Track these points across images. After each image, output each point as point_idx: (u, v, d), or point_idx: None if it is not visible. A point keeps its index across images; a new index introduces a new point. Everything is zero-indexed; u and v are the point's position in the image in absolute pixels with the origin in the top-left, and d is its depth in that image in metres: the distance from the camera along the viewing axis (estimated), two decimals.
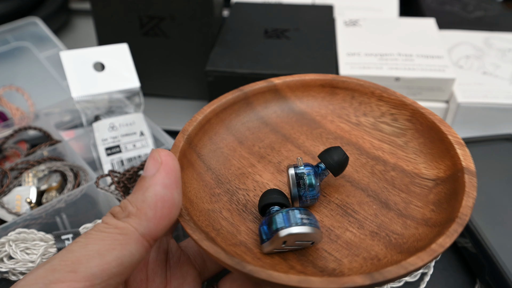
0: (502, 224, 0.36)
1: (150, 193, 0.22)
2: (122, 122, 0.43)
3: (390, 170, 0.30)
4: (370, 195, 0.29)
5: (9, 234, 0.33)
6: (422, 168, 0.29)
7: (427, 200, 0.27)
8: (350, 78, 0.33)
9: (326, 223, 0.27)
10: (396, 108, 0.32)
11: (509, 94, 0.47)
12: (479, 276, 0.36)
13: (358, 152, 0.31)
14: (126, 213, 0.22)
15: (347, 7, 0.61)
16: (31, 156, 0.42)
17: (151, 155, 0.24)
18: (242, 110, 0.33)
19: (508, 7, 0.65)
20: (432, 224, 0.26)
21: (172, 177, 0.23)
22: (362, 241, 0.26)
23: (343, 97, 0.34)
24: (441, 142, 0.29)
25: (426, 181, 0.28)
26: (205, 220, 0.26)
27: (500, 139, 0.44)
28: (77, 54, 0.43)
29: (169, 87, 0.55)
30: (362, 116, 0.33)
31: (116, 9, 0.49)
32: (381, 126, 0.32)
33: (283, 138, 0.32)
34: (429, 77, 0.46)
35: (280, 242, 0.24)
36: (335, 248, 0.26)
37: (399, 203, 0.28)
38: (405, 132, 0.31)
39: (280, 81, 0.33)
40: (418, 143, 0.30)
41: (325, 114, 0.33)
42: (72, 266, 0.20)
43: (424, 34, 0.52)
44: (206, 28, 0.49)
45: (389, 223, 0.27)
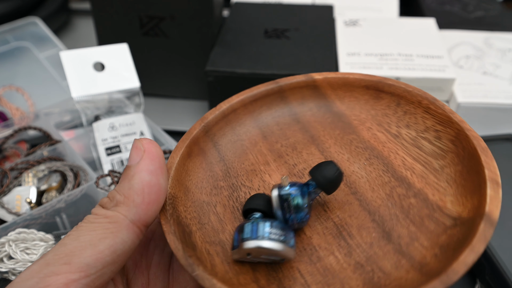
0: (502, 224, 0.36)
1: (136, 180, 0.23)
2: (122, 122, 0.43)
3: (411, 196, 0.26)
4: (375, 220, 0.26)
5: (9, 234, 0.33)
6: (448, 202, 0.25)
7: (436, 241, 0.24)
8: (398, 82, 0.30)
9: (314, 241, 0.25)
10: (442, 124, 0.28)
11: (509, 94, 0.47)
12: (479, 276, 0.36)
13: (384, 168, 0.28)
14: (115, 202, 0.23)
15: (347, 7, 0.61)
16: (31, 156, 0.42)
17: (134, 144, 0.24)
18: (275, 104, 0.31)
19: (508, 7, 0.65)
20: (425, 272, 0.22)
21: (156, 163, 0.23)
22: (342, 271, 0.23)
23: (388, 103, 0.30)
24: (477, 175, 0.25)
25: (446, 218, 0.25)
26: (193, 212, 0.26)
27: (500, 139, 0.44)
28: (77, 54, 0.43)
29: (169, 87, 0.55)
30: (404, 127, 0.29)
31: (116, 9, 0.49)
32: (422, 142, 0.28)
33: (309, 139, 0.30)
34: (429, 77, 0.46)
35: (244, 253, 0.23)
36: (310, 271, 0.24)
37: (403, 237, 0.24)
38: (445, 155, 0.27)
39: (320, 77, 0.31)
40: (454, 171, 0.26)
41: (364, 120, 0.30)
42: (66, 259, 0.20)
43: (424, 34, 0.52)
44: (206, 28, 0.49)
45: (381, 258, 0.24)
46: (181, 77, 0.54)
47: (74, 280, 0.20)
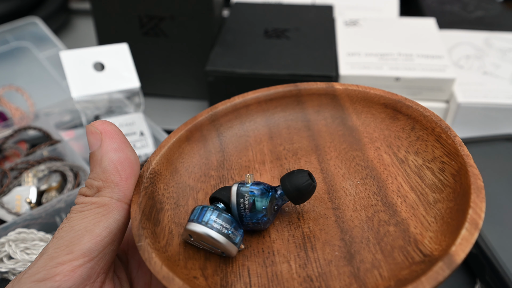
0: (502, 224, 0.36)
1: (106, 162, 0.23)
2: (122, 122, 0.43)
3: (392, 224, 0.26)
4: (344, 239, 0.25)
5: (9, 234, 0.33)
6: (427, 237, 0.25)
7: (396, 275, 0.23)
8: (416, 104, 0.29)
9: (276, 245, 0.25)
10: (449, 156, 0.27)
11: (509, 94, 0.47)
12: (479, 276, 0.36)
13: (376, 191, 0.27)
14: (95, 189, 0.23)
15: (347, 7, 0.61)
16: (31, 156, 0.42)
17: (88, 131, 0.24)
18: (291, 107, 0.31)
19: (508, 7, 0.65)
20: None
21: (118, 139, 0.24)
22: (290, 281, 0.23)
23: (403, 126, 0.29)
24: (462, 215, 0.24)
25: (417, 253, 0.24)
26: (173, 192, 0.26)
27: (500, 139, 0.44)
28: (77, 54, 0.43)
29: (169, 87, 0.55)
30: (413, 154, 0.28)
31: (116, 9, 0.49)
32: (425, 172, 0.28)
33: (313, 147, 0.30)
34: (429, 77, 0.46)
35: (186, 234, 0.23)
36: (259, 273, 0.24)
37: (365, 262, 0.24)
38: (443, 189, 0.26)
39: (341, 87, 0.30)
40: (446, 207, 0.26)
41: (375, 139, 0.30)
42: (67, 249, 0.21)
43: (424, 34, 0.52)
44: (206, 28, 0.49)
45: (333, 277, 0.23)
46: (181, 77, 0.54)
47: (80, 265, 0.21)
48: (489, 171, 0.40)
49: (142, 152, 0.42)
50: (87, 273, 0.21)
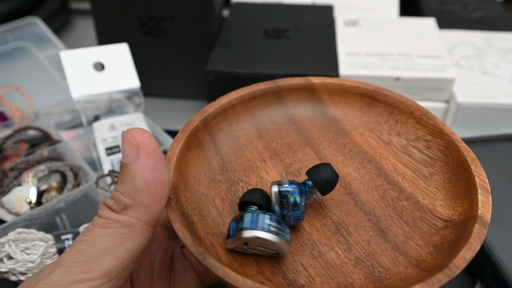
0: (502, 224, 0.36)
1: (139, 181, 0.22)
2: (122, 122, 0.43)
3: (403, 199, 0.28)
4: (371, 219, 0.27)
5: (9, 234, 0.33)
6: (438, 206, 0.27)
7: (429, 241, 0.25)
8: (392, 92, 0.31)
9: (314, 236, 0.26)
10: (433, 135, 0.30)
11: (509, 94, 0.47)
12: (479, 276, 0.36)
13: (377, 172, 0.29)
14: (122, 206, 0.22)
15: (347, 7, 0.61)
16: (31, 156, 0.42)
17: (124, 138, 0.22)
18: (272, 103, 0.32)
19: (508, 7, 0.65)
20: (423, 268, 0.24)
21: (155, 156, 0.22)
22: (344, 265, 0.24)
23: (381, 112, 0.31)
24: (467, 183, 0.26)
25: (437, 220, 0.26)
26: (194, 203, 0.26)
27: (500, 139, 0.44)
28: (77, 54, 0.43)
29: (169, 87, 0.55)
30: (395, 135, 0.31)
31: (116, 9, 0.49)
32: (412, 150, 0.30)
33: (304, 140, 0.31)
34: (429, 77, 0.46)
35: (242, 242, 0.23)
36: (313, 264, 0.24)
37: (398, 235, 0.26)
38: (434, 163, 0.29)
39: (318, 81, 0.32)
40: (444, 178, 0.28)
41: (357, 125, 0.32)
42: (86, 267, 0.20)
43: (424, 34, 0.52)
44: (206, 28, 0.49)
45: (379, 254, 0.25)
46: (181, 77, 0.54)
47: (97, 285, 0.20)
48: (489, 171, 0.40)
49: None
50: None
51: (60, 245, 0.33)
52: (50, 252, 0.32)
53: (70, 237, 0.33)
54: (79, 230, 0.34)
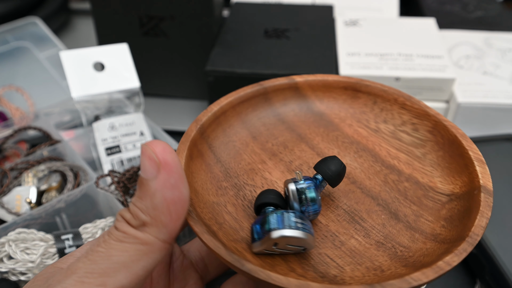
0: (502, 224, 0.36)
1: (159, 199, 0.21)
2: (122, 122, 0.43)
3: (404, 180, 0.29)
4: (380, 204, 0.28)
5: (9, 234, 0.33)
6: (437, 182, 0.28)
7: (438, 215, 0.27)
8: (374, 82, 0.32)
9: (332, 228, 0.27)
10: (418, 118, 0.31)
11: (509, 94, 0.47)
12: (479, 276, 0.36)
13: (373, 159, 0.30)
14: (140, 222, 0.21)
15: (347, 7, 0.61)
16: (31, 156, 0.42)
17: (145, 153, 0.21)
18: (260, 105, 0.32)
19: (508, 7, 0.65)
20: (441, 241, 0.25)
21: (176, 174, 0.21)
22: (367, 250, 0.25)
23: (365, 102, 0.33)
24: (461, 157, 0.28)
25: (440, 196, 0.28)
26: (208, 213, 0.26)
27: (500, 139, 0.44)
28: (77, 54, 0.43)
29: (169, 87, 0.55)
30: (382, 123, 0.32)
31: (116, 9, 0.49)
32: (401, 135, 0.31)
33: (298, 137, 0.32)
34: (429, 77, 0.46)
35: (271, 243, 0.23)
36: (338, 254, 0.25)
37: (409, 215, 0.27)
38: (424, 144, 0.30)
39: (301, 79, 0.33)
40: (436, 156, 0.29)
41: (344, 117, 0.33)
42: (100, 280, 0.20)
43: (424, 34, 0.52)
44: (206, 28, 0.49)
45: (396, 235, 0.26)
46: (181, 77, 0.54)
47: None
48: (489, 171, 0.40)
49: None
50: None
51: (60, 245, 0.33)
52: (50, 252, 0.32)
53: (70, 237, 0.33)
54: (79, 230, 0.34)
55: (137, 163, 0.40)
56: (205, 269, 0.29)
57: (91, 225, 0.35)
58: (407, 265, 0.24)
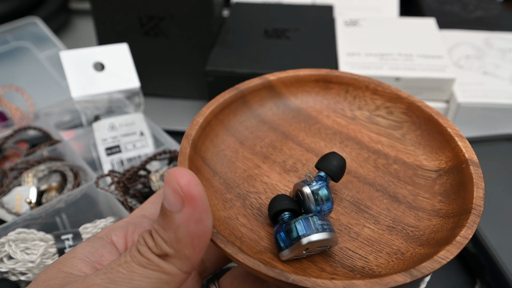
0: (502, 224, 0.36)
1: (183, 233, 0.20)
2: (122, 122, 0.43)
3: (392, 163, 0.30)
4: (378, 189, 0.29)
5: (9, 234, 0.33)
6: (422, 160, 0.30)
7: (433, 191, 0.28)
8: (344, 72, 0.33)
9: (343, 221, 0.27)
10: (391, 101, 0.32)
11: (509, 94, 0.47)
12: (479, 276, 0.36)
13: (359, 146, 0.31)
14: (163, 252, 0.21)
15: (347, 7, 0.61)
16: (31, 156, 0.42)
17: (169, 184, 0.20)
18: (239, 109, 0.32)
19: (508, 7, 0.65)
20: (444, 215, 0.26)
21: (201, 208, 0.21)
22: (381, 236, 0.26)
23: (337, 92, 0.34)
24: (440, 135, 0.29)
25: (429, 173, 0.29)
26: (225, 229, 0.25)
27: (500, 139, 0.44)
28: (77, 54, 0.43)
29: (169, 87, 0.55)
30: (357, 110, 0.33)
31: (116, 9, 0.49)
32: (377, 119, 0.32)
33: (283, 136, 0.32)
34: (429, 77, 0.46)
35: (302, 250, 0.23)
36: (358, 245, 0.26)
37: (407, 195, 0.28)
38: (401, 125, 0.32)
39: (274, 77, 0.33)
40: (415, 135, 0.31)
41: (320, 109, 0.33)
42: None
43: (424, 34, 0.52)
44: (206, 28, 0.49)
45: (402, 216, 0.27)
46: (181, 77, 0.54)
47: None
48: (489, 171, 0.40)
49: (142, 152, 0.42)
50: None
51: (60, 245, 0.33)
52: (50, 252, 0.32)
53: (70, 237, 0.33)
54: (79, 230, 0.34)
55: (137, 163, 0.40)
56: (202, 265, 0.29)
57: (91, 225, 0.35)
58: (422, 244, 0.25)
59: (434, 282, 0.36)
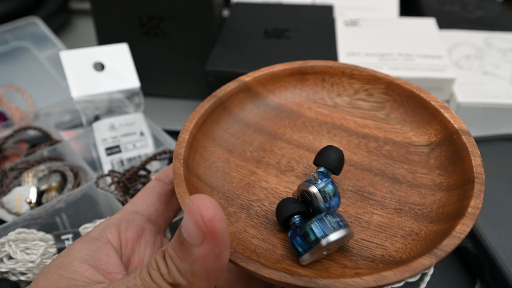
0: (502, 224, 0.36)
1: (199, 268, 0.20)
2: (122, 122, 0.43)
3: (383, 144, 0.30)
4: (377, 174, 0.28)
5: (9, 234, 0.33)
6: (412, 136, 0.30)
7: (430, 166, 0.28)
8: (318, 61, 0.33)
9: (351, 212, 0.27)
10: (370, 83, 0.32)
11: (509, 94, 0.47)
12: (479, 276, 0.36)
13: (347, 133, 0.31)
14: (176, 282, 0.20)
15: (347, 7, 0.61)
16: (31, 156, 0.42)
17: (191, 215, 0.19)
18: (221, 117, 0.32)
19: (508, 7, 0.65)
20: (447, 188, 0.26)
21: (222, 244, 0.19)
22: (392, 221, 0.26)
23: (314, 82, 0.33)
24: (424, 109, 0.29)
25: (421, 148, 0.29)
26: (238, 245, 0.25)
27: (500, 139, 0.44)
28: (77, 54, 0.43)
29: (169, 87, 0.55)
30: (337, 97, 0.33)
31: (116, 9, 0.49)
32: (358, 103, 0.32)
33: (270, 136, 0.32)
34: (429, 77, 0.46)
35: (322, 251, 0.23)
36: (371, 234, 0.26)
37: (406, 175, 0.28)
38: (383, 105, 0.31)
39: (249, 78, 0.33)
40: (399, 113, 0.31)
41: (300, 103, 0.33)
42: None
43: (424, 34, 0.52)
44: (206, 28, 0.49)
45: (406, 197, 0.27)
46: (181, 77, 0.54)
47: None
48: (489, 171, 0.40)
49: (142, 152, 0.42)
50: None
51: (60, 245, 0.33)
52: (50, 252, 0.32)
53: (70, 237, 0.33)
54: (79, 230, 0.34)
55: (137, 163, 0.40)
56: None
57: (91, 225, 0.35)
58: (433, 221, 0.25)
59: (434, 282, 0.36)
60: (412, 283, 0.36)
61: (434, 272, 0.37)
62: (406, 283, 0.36)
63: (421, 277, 0.36)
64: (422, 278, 0.36)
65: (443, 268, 0.37)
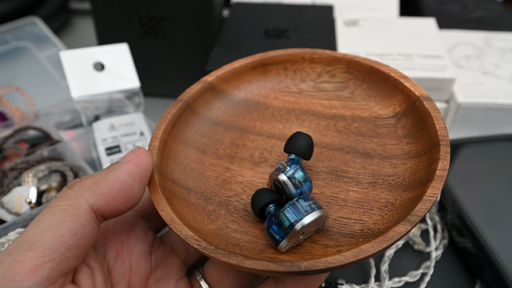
0: (502, 224, 0.36)
1: (112, 174, 0.24)
2: (122, 122, 0.43)
3: (351, 122, 0.31)
4: (348, 151, 0.29)
5: (9, 234, 0.33)
6: (378, 110, 0.31)
7: (398, 136, 0.29)
8: (278, 51, 0.34)
9: (327, 192, 0.27)
10: (330, 64, 0.33)
11: (509, 94, 0.47)
12: (479, 276, 0.36)
13: (315, 117, 0.32)
14: (83, 183, 0.23)
15: (347, 7, 0.61)
16: (31, 156, 0.42)
17: (132, 150, 0.25)
18: (190, 120, 0.32)
19: (508, 7, 0.65)
20: (416, 155, 0.27)
21: (140, 169, 0.24)
22: (367, 195, 0.27)
23: (277, 72, 0.34)
24: (386, 82, 0.30)
25: (388, 120, 0.30)
26: (221, 242, 0.25)
27: (500, 139, 0.44)
28: (77, 54, 0.43)
29: (169, 87, 0.55)
30: (301, 83, 0.34)
31: (116, 9, 0.49)
32: (322, 86, 0.33)
33: (240, 131, 0.32)
34: (429, 77, 0.46)
35: (298, 235, 0.24)
36: (349, 211, 0.26)
37: (376, 148, 0.29)
38: (347, 84, 0.32)
39: (212, 77, 0.33)
40: (363, 89, 0.32)
41: (266, 94, 0.34)
42: (27, 245, 0.20)
43: (424, 34, 0.52)
44: (206, 28, 0.49)
45: (379, 169, 0.28)
46: (181, 77, 0.54)
47: (39, 265, 0.20)
48: (489, 171, 0.40)
49: None
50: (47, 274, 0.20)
51: None
52: None
53: None
54: None
55: None
56: (186, 253, 0.30)
57: None
58: (407, 189, 0.26)
59: (434, 282, 0.36)
60: (412, 283, 0.36)
61: (434, 272, 0.37)
62: (406, 283, 0.36)
63: (421, 277, 0.36)
64: (422, 278, 0.36)
65: (443, 268, 0.37)
